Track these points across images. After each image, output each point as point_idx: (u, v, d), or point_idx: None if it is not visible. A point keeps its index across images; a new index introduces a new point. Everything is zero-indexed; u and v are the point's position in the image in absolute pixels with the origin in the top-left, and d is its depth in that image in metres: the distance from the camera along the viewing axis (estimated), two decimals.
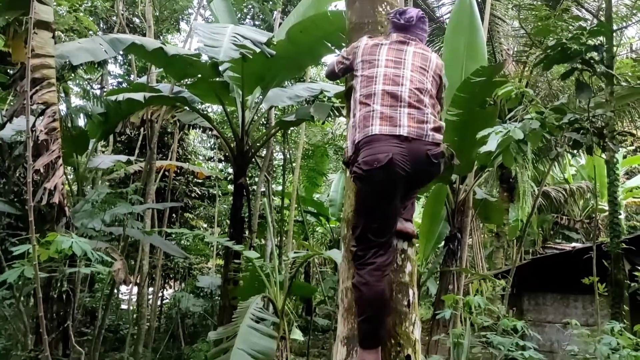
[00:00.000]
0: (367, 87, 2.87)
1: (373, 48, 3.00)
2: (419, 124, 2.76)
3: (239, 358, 3.86)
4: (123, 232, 6.99)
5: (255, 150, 8.72)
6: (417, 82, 2.87)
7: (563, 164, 14.66)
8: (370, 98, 2.82)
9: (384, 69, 2.89)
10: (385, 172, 2.68)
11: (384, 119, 2.74)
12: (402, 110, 2.77)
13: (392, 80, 2.84)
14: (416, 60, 2.95)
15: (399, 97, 2.80)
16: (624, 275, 7.35)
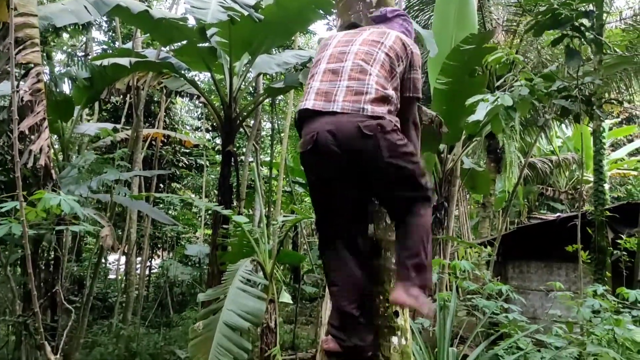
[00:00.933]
0: (312, 69, 2.61)
1: (331, 36, 2.77)
2: (356, 96, 2.38)
3: (228, 318, 3.89)
4: (110, 199, 6.94)
5: (243, 118, 8.66)
6: (364, 54, 2.52)
7: (550, 136, 14.78)
8: (312, 77, 2.55)
9: (332, 50, 2.61)
10: (314, 155, 2.39)
11: (319, 94, 2.43)
12: (340, 84, 2.44)
13: (337, 57, 2.55)
14: (370, 36, 2.62)
15: (339, 72, 2.48)
16: (607, 243, 7.49)
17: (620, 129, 17.15)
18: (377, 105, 2.37)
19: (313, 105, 2.40)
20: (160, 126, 12.59)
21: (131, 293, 10.12)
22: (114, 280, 14.48)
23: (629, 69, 9.28)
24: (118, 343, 8.96)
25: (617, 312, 5.46)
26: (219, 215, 6.84)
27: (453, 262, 5.30)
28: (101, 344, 8.81)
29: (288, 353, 9.50)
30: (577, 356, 5.26)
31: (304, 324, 12.59)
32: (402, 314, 2.85)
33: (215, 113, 8.32)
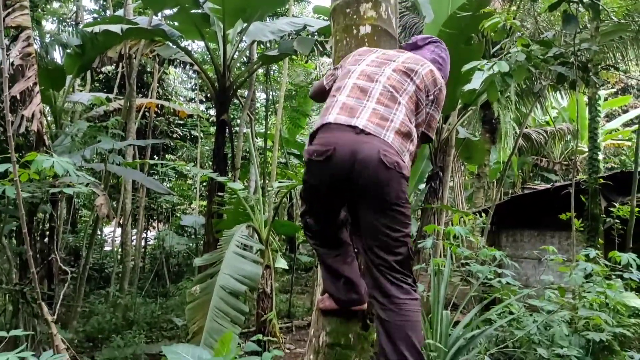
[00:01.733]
0: (341, 80, 2.52)
1: (366, 51, 2.69)
2: (381, 121, 2.28)
3: (225, 282, 3.92)
4: (104, 168, 6.90)
5: (237, 86, 8.58)
6: (396, 81, 2.44)
7: (545, 106, 14.75)
8: (339, 90, 2.46)
9: (364, 67, 2.52)
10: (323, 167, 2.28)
11: (344, 109, 2.34)
12: (367, 104, 2.35)
13: (368, 76, 2.46)
14: (407, 62, 2.54)
15: (367, 92, 2.39)
16: (600, 211, 7.56)
17: (615, 99, 17.12)
18: (399, 138, 2.29)
19: (335, 119, 2.30)
20: (154, 96, 12.47)
21: (127, 263, 10.17)
22: (109, 251, 14.54)
23: (625, 36, 9.21)
24: (115, 312, 9.04)
25: (609, 278, 5.53)
26: (214, 183, 6.84)
27: (447, 228, 5.32)
28: (98, 313, 8.89)
29: (284, 321, 9.62)
30: (569, 320, 5.34)
31: (300, 293, 12.72)
32: None
33: (209, 82, 8.24)
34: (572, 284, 5.39)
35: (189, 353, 3.11)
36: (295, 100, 14.27)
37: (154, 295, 11.44)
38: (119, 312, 9.13)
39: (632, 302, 5.34)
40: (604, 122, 16.87)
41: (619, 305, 5.23)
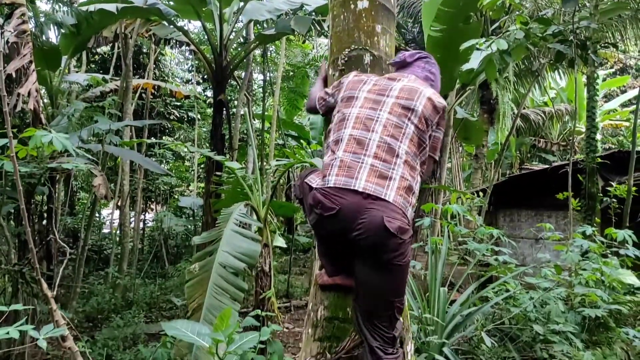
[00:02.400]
0: (337, 131, 2.45)
1: (356, 84, 2.57)
2: (380, 179, 2.24)
3: (224, 259, 3.94)
4: (102, 148, 6.88)
5: (234, 66, 8.52)
6: (393, 127, 2.36)
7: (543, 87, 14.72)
8: (337, 144, 2.39)
9: (358, 110, 2.44)
10: (328, 221, 2.28)
11: (342, 168, 2.29)
12: (365, 159, 2.29)
13: (364, 124, 2.38)
14: (400, 99, 2.45)
15: (364, 145, 2.33)
16: (597, 190, 7.59)
17: (613, 79, 17.08)
18: (401, 193, 2.25)
19: (335, 182, 2.26)
20: (150, 77, 12.38)
21: (126, 244, 10.19)
22: (108, 233, 14.57)
23: (624, 15, 9.15)
24: (114, 292, 9.08)
25: (605, 256, 5.58)
26: (212, 163, 6.83)
27: (445, 206, 5.35)
28: (98, 294, 8.94)
29: (282, 301, 9.68)
30: (565, 297, 5.40)
31: (298, 274, 12.79)
32: None
33: (206, 61, 8.18)
34: (568, 261, 5.44)
35: (189, 329, 3.14)
36: (292, 81, 14.19)
37: (153, 276, 11.50)
38: (118, 292, 9.18)
39: (627, 279, 5.39)
40: (602, 103, 16.85)
41: (615, 282, 5.28)
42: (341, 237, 2.25)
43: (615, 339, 5.17)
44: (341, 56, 3.14)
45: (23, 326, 2.17)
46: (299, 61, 15.17)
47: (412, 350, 2.78)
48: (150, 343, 7.03)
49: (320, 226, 2.36)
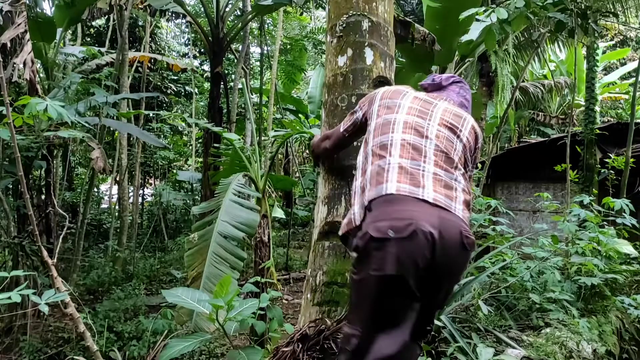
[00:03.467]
0: (382, 134, 2.17)
1: (395, 93, 2.37)
2: (447, 190, 1.99)
3: (223, 229, 3.96)
4: (99, 122, 6.85)
5: (232, 38, 8.44)
6: (445, 139, 2.16)
7: (543, 59, 14.59)
8: (386, 149, 2.11)
9: (405, 116, 2.20)
10: (403, 248, 1.82)
11: (402, 174, 1.99)
12: (426, 167, 2.03)
13: (415, 129, 2.15)
14: (446, 116, 2.25)
15: (422, 152, 2.08)
16: (595, 161, 7.59)
17: (613, 52, 16.93)
18: (465, 208, 2.03)
19: (398, 189, 1.95)
20: (147, 50, 12.24)
21: (125, 218, 10.23)
22: (107, 208, 14.60)
23: None
24: (115, 265, 9.15)
25: (601, 226, 5.61)
26: (210, 135, 6.81)
27: None
28: (98, 267, 9.00)
29: (282, 273, 9.77)
30: (561, 266, 5.44)
31: (297, 248, 12.88)
32: None
33: (202, 33, 8.10)
34: (565, 231, 5.47)
35: (189, 296, 3.17)
36: (290, 54, 14.07)
37: (153, 250, 11.57)
38: (118, 265, 9.25)
39: (624, 249, 5.43)
40: (601, 76, 16.73)
41: (611, 251, 5.32)
42: (422, 271, 1.84)
43: (610, 308, 5.24)
44: (339, 22, 3.11)
45: (24, 290, 2.19)
46: (296, 34, 15.01)
47: None
48: (150, 314, 7.12)
49: (398, 263, 1.82)
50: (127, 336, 6.44)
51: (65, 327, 6.79)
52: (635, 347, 5.14)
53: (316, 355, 2.45)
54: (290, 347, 2.49)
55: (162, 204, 12.66)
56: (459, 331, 4.67)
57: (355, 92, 2.97)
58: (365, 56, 3.02)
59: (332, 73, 3.09)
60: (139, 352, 5.97)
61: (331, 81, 3.08)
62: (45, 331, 6.84)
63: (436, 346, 4.61)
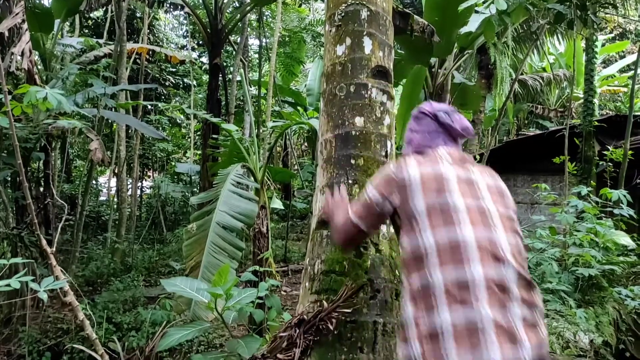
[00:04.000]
0: (455, 266, 1.65)
1: (438, 181, 1.80)
2: (537, 334, 1.63)
3: (221, 219, 3.96)
4: (97, 113, 6.83)
5: (230, 29, 8.41)
6: (516, 251, 1.74)
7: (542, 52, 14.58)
8: (468, 291, 1.61)
9: (472, 231, 1.70)
10: None
11: (501, 335, 1.56)
12: (513, 311, 1.62)
13: (492, 253, 1.68)
14: (498, 203, 1.83)
15: (508, 290, 1.64)
16: (593, 153, 7.60)
17: (612, 44, 16.92)
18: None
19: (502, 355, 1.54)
20: (145, 42, 12.19)
21: (124, 210, 10.22)
22: (106, 200, 14.60)
23: None
24: (113, 257, 9.15)
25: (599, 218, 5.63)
26: (209, 127, 6.80)
27: None
28: (97, 259, 9.00)
29: (280, 265, 9.77)
30: (559, 257, 5.47)
31: (295, 240, 12.87)
32: None
33: (201, 25, 8.07)
34: (563, 223, 5.48)
35: (187, 285, 3.18)
36: (289, 47, 14.03)
37: (151, 242, 11.56)
38: (117, 257, 9.25)
39: (621, 240, 5.45)
40: (600, 69, 16.72)
41: (609, 242, 5.34)
42: None
43: (607, 298, 5.27)
44: (338, 11, 3.10)
45: (23, 277, 2.19)
46: (295, 26, 14.96)
47: None
48: (149, 306, 7.13)
49: None
50: (126, 327, 6.45)
51: (64, 318, 6.80)
52: (632, 337, 5.17)
53: (312, 338, 2.47)
54: (287, 333, 2.51)
55: (161, 196, 12.65)
56: None
57: (354, 81, 2.97)
58: (363, 45, 3.01)
59: (330, 62, 3.09)
60: (137, 343, 5.99)
61: (330, 70, 3.08)
62: (44, 322, 6.85)
63: None
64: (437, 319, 1.60)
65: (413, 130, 2.12)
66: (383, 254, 2.77)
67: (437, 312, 1.61)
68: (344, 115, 2.94)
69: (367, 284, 2.65)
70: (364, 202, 1.98)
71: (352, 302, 2.55)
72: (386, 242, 2.81)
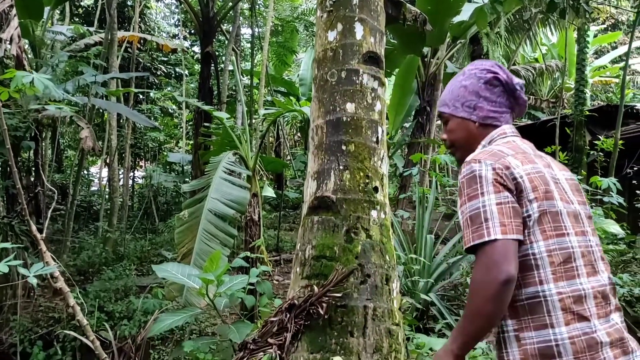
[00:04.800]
0: (567, 276, 1.50)
1: (540, 175, 1.55)
2: (626, 347, 1.52)
3: (213, 206, 3.96)
4: (88, 101, 6.78)
5: (222, 17, 8.35)
6: (597, 246, 1.62)
7: (535, 42, 14.59)
8: (583, 304, 1.49)
9: (575, 237, 1.54)
10: None
11: (615, 346, 1.49)
12: (614, 322, 1.54)
13: (589, 260, 1.55)
14: (579, 202, 1.64)
15: (607, 297, 1.55)
16: (584, 142, 7.65)
17: (604, 35, 16.95)
18: None
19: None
20: (136, 30, 12.09)
21: (115, 200, 10.18)
22: (97, 190, 14.53)
23: None
24: (105, 246, 9.12)
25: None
26: (201, 115, 6.77)
27: (434, 156, 5.37)
28: (88, 248, 8.97)
29: (272, 254, 9.78)
30: None
31: (288, 230, 12.88)
32: (381, 190, 2.92)
33: (192, 12, 8.01)
34: None
35: (179, 271, 3.18)
36: (281, 36, 13.96)
37: (143, 232, 11.53)
38: (108, 246, 9.22)
39: (611, 229, 5.50)
40: (592, 60, 16.76)
41: (599, 231, 5.38)
42: None
43: None
44: None
45: (12, 262, 2.18)
46: (288, 15, 14.88)
47: (398, 288, 2.85)
48: (141, 295, 7.12)
49: None
50: (117, 316, 6.45)
51: (55, 307, 6.79)
52: None
53: (303, 322, 2.48)
54: (278, 317, 2.52)
55: (153, 186, 12.60)
56: (448, 309, 4.74)
57: (345, 67, 2.97)
58: (355, 31, 3.01)
59: (322, 48, 3.08)
60: (129, 331, 5.99)
61: (321, 56, 3.07)
62: (35, 311, 6.84)
63: (425, 323, 4.68)
64: (562, 341, 1.46)
65: (482, 95, 1.74)
66: (374, 239, 2.78)
67: (561, 333, 1.47)
68: (335, 101, 2.94)
69: (358, 268, 2.66)
70: (514, 210, 1.49)
71: (342, 287, 2.56)
72: (377, 228, 2.82)
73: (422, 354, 3.07)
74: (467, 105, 1.74)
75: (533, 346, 1.46)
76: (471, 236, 1.46)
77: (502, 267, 1.39)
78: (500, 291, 1.39)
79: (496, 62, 1.79)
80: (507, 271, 1.39)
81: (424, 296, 4.06)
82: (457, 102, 1.76)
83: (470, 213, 1.48)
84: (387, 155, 3.02)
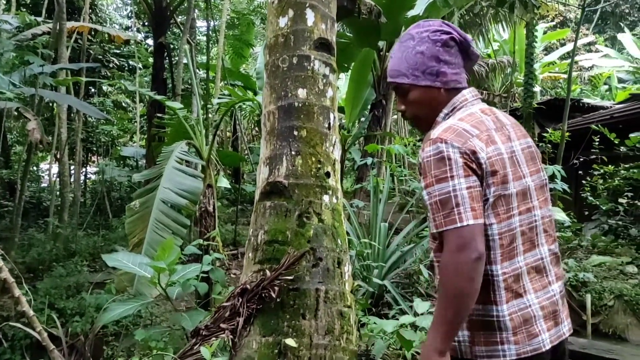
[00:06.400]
0: (510, 255, 1.56)
1: (501, 158, 1.56)
2: (557, 318, 1.64)
3: (165, 196, 3.90)
4: (35, 92, 6.56)
5: (175, 7, 8.22)
6: (550, 227, 1.68)
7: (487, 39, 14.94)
8: (519, 281, 1.57)
9: (519, 217, 1.59)
10: None
11: (547, 318, 1.59)
12: (552, 294, 1.63)
13: (529, 238, 1.61)
14: (533, 172, 1.65)
15: (543, 270, 1.62)
16: (533, 135, 7.90)
17: (553, 32, 17.52)
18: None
19: (551, 340, 1.59)
20: (86, 21, 11.72)
21: (66, 195, 9.88)
22: (47, 187, 14.07)
23: None
24: (56, 243, 8.86)
25: None
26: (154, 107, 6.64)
27: (388, 146, 5.45)
28: (38, 245, 8.69)
29: (230, 249, 9.72)
30: None
31: (245, 224, 12.81)
32: (333, 175, 2.95)
33: (145, 2, 7.84)
34: None
35: (130, 260, 3.13)
36: (237, 29, 13.82)
37: (96, 228, 11.24)
38: (59, 243, 8.95)
39: (557, 216, 5.71)
40: (542, 56, 17.30)
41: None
42: None
43: None
44: None
45: None
46: (244, 8, 14.75)
47: (350, 272, 2.88)
48: (94, 291, 6.95)
49: None
50: (69, 313, 6.27)
51: (4, 305, 6.55)
52: None
53: (255, 307, 2.49)
54: (230, 302, 2.51)
55: (106, 181, 12.29)
56: (402, 295, 4.82)
57: (297, 53, 2.97)
58: (306, 17, 3.01)
59: (273, 34, 3.07)
60: (82, 328, 5.83)
61: (272, 42, 3.07)
62: None
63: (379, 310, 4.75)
64: (506, 316, 1.54)
65: (442, 59, 1.66)
66: (326, 223, 2.81)
67: (507, 310, 1.56)
68: (287, 87, 2.95)
69: (310, 252, 2.68)
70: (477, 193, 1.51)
71: (294, 270, 2.58)
72: (329, 212, 2.85)
73: (374, 336, 3.12)
74: (429, 73, 1.66)
75: (479, 318, 1.54)
76: (443, 221, 1.47)
77: (472, 245, 1.43)
78: (474, 267, 1.43)
79: (441, 20, 1.74)
80: (478, 249, 1.44)
81: (378, 280, 4.12)
82: (416, 70, 1.67)
83: (440, 197, 1.48)
84: (339, 141, 3.05)
